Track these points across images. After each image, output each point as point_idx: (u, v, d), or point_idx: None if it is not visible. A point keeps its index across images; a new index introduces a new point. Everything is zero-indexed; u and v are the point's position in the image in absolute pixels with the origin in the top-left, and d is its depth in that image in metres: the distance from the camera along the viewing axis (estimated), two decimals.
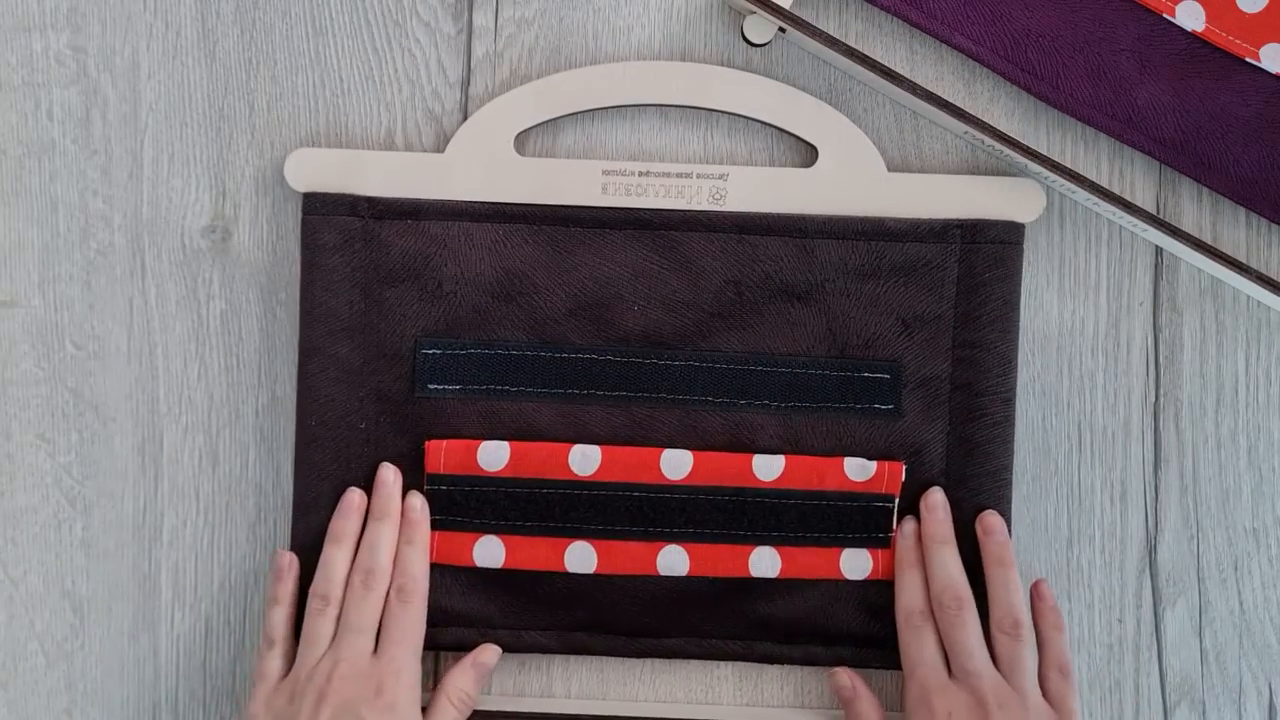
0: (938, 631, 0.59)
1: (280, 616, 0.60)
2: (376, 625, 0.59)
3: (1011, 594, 0.59)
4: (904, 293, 0.61)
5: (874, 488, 0.61)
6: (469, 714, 0.61)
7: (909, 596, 0.60)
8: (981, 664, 0.58)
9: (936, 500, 0.61)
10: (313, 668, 0.58)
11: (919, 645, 0.59)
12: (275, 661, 0.60)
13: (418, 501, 0.61)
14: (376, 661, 0.58)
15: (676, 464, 0.61)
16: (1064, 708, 0.58)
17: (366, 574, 0.60)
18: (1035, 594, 0.60)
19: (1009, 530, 0.61)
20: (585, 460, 0.61)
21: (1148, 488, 0.64)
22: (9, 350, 0.64)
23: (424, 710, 0.59)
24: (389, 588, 0.60)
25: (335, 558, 0.60)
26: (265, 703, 0.59)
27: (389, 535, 0.61)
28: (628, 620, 0.62)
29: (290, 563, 0.61)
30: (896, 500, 0.61)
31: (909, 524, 0.61)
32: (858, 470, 0.61)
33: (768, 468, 0.61)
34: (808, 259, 0.61)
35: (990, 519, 0.60)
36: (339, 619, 0.59)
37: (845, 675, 0.61)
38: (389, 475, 0.61)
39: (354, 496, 0.61)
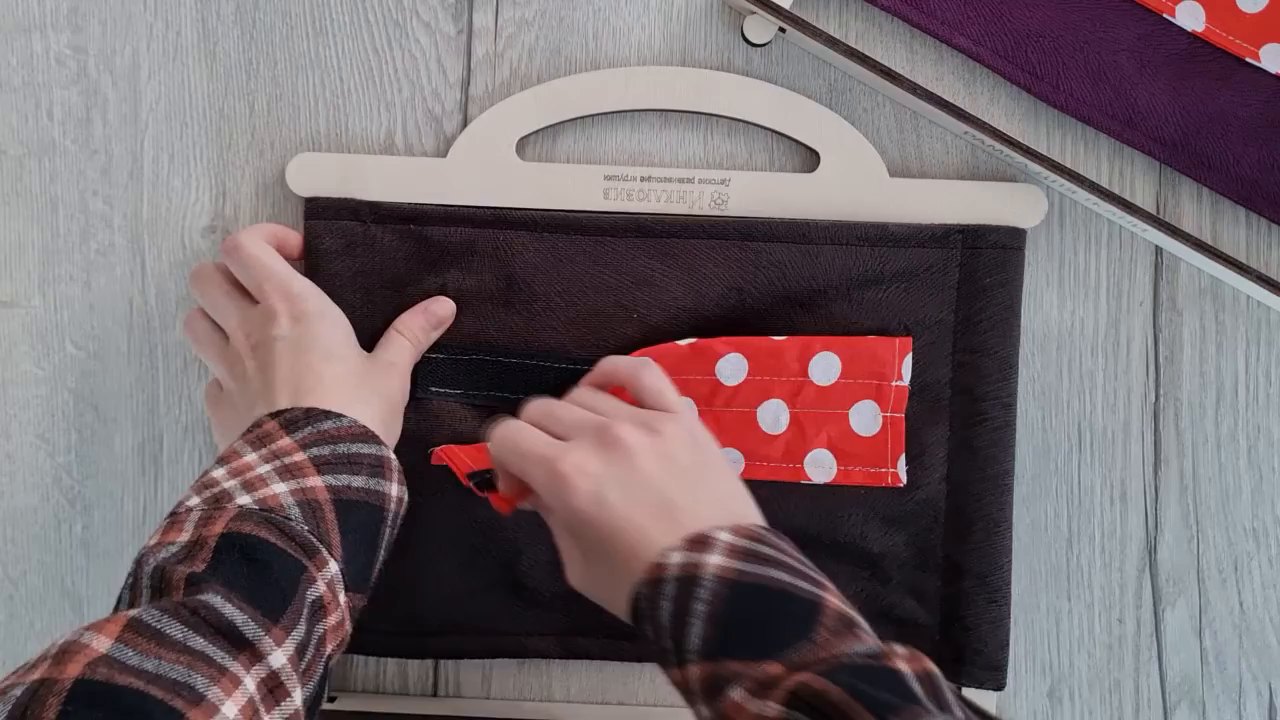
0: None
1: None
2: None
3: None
4: (905, 298, 0.61)
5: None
6: (420, 352, 0.60)
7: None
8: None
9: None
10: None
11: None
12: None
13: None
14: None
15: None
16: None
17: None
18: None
19: (1010, 532, 0.61)
20: None
21: (1148, 488, 0.64)
22: (9, 350, 0.64)
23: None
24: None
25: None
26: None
27: None
28: (628, 623, 0.62)
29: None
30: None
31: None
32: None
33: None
34: (811, 264, 0.60)
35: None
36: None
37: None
38: None
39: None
